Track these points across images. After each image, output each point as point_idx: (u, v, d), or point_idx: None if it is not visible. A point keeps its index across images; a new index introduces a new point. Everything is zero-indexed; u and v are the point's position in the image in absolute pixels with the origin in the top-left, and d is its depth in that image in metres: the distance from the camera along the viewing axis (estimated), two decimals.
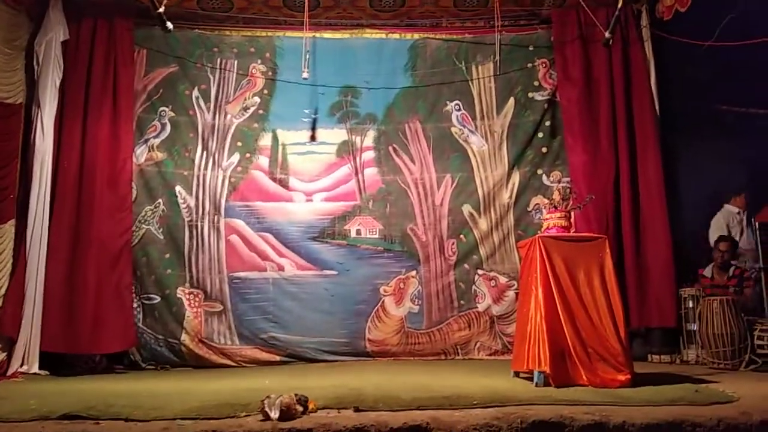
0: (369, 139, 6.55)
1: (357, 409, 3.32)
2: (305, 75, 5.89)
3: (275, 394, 3.26)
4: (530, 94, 6.53)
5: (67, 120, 5.69)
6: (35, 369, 5.17)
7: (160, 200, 6.18)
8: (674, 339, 5.75)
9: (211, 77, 6.46)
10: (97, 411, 3.31)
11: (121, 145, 5.88)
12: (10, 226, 5.34)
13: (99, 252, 5.54)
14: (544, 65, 6.56)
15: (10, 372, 5.04)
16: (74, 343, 5.30)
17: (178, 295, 6.03)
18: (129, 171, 5.95)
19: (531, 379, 4.07)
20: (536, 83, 6.55)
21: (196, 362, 5.88)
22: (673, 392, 3.69)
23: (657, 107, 6.14)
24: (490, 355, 6.13)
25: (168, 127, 6.32)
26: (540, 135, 6.46)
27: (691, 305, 5.64)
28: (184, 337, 5.93)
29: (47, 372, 5.19)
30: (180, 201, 6.20)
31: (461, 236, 6.38)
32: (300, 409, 3.25)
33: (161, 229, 6.13)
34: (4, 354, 5.11)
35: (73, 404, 3.44)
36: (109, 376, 5.23)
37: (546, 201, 5.33)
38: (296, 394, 3.32)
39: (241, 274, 6.18)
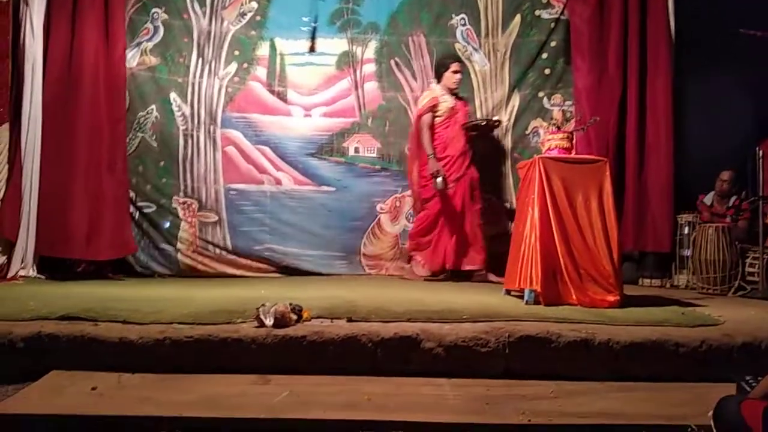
0: (370, 51, 6.30)
1: (350, 320, 3.40)
2: None
3: (270, 302, 3.32)
4: (537, 12, 6.21)
5: (54, 19, 5.40)
6: (33, 272, 5.24)
7: (153, 106, 6.00)
8: (667, 264, 5.82)
9: None
10: (95, 313, 3.38)
11: (114, 47, 5.60)
12: (5, 130, 5.23)
13: (92, 158, 5.41)
14: None
15: (9, 275, 5.11)
16: (70, 248, 5.30)
17: (174, 205, 6.01)
18: (123, 76, 5.72)
19: (522, 297, 4.14)
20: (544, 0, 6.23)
21: (191, 272, 5.94)
22: (660, 314, 3.76)
23: (672, 27, 5.85)
24: None
25: (161, 30, 6.03)
26: (544, 56, 6.20)
27: (686, 231, 5.66)
28: (179, 245, 5.97)
29: (46, 275, 5.26)
30: (175, 108, 6.04)
31: None
32: (294, 317, 3.33)
33: (154, 137, 6.01)
34: (5, 257, 5.17)
35: (72, 306, 3.50)
36: (107, 281, 5.30)
37: (545, 124, 5.21)
38: (291, 303, 3.39)
39: (238, 186, 6.14)
